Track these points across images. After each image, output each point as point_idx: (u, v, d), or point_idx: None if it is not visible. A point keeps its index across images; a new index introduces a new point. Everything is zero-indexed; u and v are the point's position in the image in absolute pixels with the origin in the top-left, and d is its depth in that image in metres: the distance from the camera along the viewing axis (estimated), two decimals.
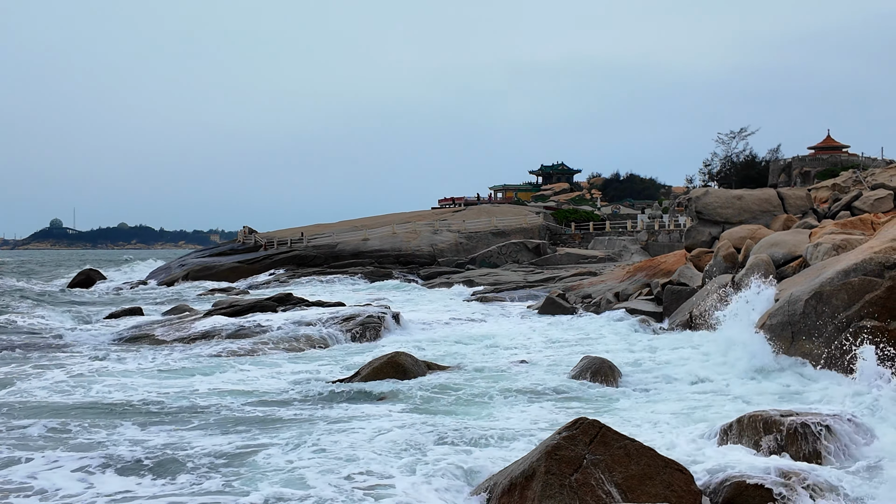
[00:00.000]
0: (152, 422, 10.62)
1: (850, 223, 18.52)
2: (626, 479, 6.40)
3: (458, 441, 9.08)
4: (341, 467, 8.16)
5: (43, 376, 14.14)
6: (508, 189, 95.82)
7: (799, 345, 12.47)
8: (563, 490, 6.31)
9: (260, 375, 14.48)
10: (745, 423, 7.90)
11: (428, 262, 52.01)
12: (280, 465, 8.41)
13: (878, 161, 65.45)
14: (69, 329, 22.25)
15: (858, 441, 7.75)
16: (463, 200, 79.50)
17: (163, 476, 8.18)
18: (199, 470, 8.34)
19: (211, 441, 9.50)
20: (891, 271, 12.28)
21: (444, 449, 8.77)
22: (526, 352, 16.59)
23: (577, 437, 6.61)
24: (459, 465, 7.98)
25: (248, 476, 8.06)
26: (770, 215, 30.42)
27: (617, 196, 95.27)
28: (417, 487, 7.45)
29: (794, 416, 7.78)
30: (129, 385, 13.33)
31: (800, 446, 7.37)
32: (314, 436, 9.54)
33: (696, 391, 11.94)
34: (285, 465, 8.40)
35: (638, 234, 54.98)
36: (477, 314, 25.44)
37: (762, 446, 7.55)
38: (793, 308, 12.77)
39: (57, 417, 10.71)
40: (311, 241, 57.32)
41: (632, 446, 6.59)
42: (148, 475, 8.20)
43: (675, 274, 22.70)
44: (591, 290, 28.19)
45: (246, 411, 11.31)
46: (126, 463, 8.56)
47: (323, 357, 16.75)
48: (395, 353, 14.30)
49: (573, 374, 13.16)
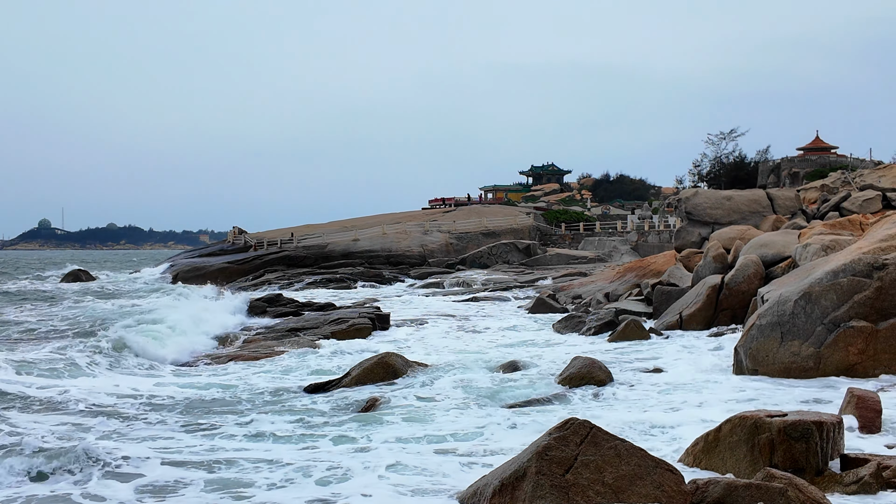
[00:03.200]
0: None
1: (838, 224, 18.62)
2: (617, 480, 6.40)
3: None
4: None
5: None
6: (499, 190, 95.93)
7: (788, 345, 12.51)
8: (554, 490, 6.32)
9: (251, 373, 14.50)
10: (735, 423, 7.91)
11: (418, 263, 52.00)
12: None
13: (867, 162, 65.75)
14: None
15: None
16: (453, 201, 79.50)
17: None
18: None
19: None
20: (879, 272, 12.34)
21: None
22: (525, 351, 16.58)
23: (568, 437, 6.61)
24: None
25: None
26: (759, 216, 30.51)
27: (607, 197, 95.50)
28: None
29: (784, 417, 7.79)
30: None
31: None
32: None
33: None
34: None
35: (628, 234, 55.11)
36: (467, 314, 25.44)
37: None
38: (782, 308, 12.81)
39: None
40: (301, 242, 57.23)
41: (622, 446, 6.59)
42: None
43: (664, 274, 22.77)
44: (582, 290, 28.24)
45: (249, 402, 11.29)
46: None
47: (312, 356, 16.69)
48: (386, 353, 14.28)
49: (564, 376, 13.13)
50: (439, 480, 7.73)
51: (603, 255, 49.89)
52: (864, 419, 8.65)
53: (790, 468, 6.84)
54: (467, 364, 14.62)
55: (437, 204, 79.85)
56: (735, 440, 7.35)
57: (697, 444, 7.74)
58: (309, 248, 55.11)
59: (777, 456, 7.06)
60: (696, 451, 7.71)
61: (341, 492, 7.44)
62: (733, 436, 7.38)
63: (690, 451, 7.81)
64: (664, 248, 40.99)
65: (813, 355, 12.18)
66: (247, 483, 7.77)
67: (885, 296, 12.12)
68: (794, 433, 7.07)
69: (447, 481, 7.68)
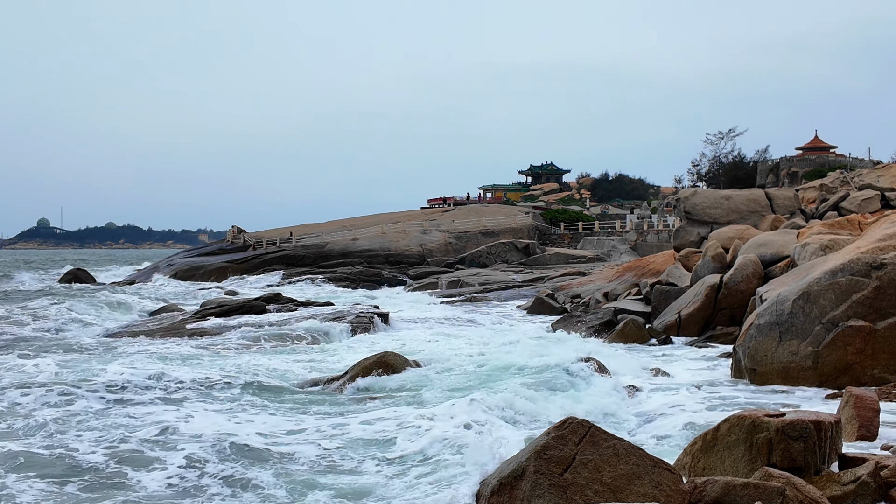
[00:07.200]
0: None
1: (837, 223, 18.62)
2: (615, 479, 6.41)
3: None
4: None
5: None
6: (498, 189, 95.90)
7: (786, 344, 12.52)
8: (553, 490, 6.32)
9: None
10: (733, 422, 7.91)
11: (417, 262, 52.00)
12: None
13: (866, 162, 65.79)
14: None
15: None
16: (452, 200, 79.46)
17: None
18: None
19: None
20: (878, 271, 12.35)
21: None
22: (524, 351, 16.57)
23: (567, 436, 6.62)
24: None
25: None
26: (758, 215, 30.54)
27: (606, 196, 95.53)
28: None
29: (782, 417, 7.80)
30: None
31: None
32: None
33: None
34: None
35: (627, 234, 55.13)
36: (466, 314, 25.46)
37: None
38: (780, 308, 12.82)
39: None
40: (300, 241, 57.23)
41: (620, 446, 6.60)
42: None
43: (663, 274, 22.77)
44: (581, 289, 28.26)
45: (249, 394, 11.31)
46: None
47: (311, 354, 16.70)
48: (384, 352, 14.32)
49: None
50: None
51: (602, 255, 49.92)
52: (863, 419, 8.66)
53: (788, 468, 6.85)
54: (466, 364, 14.65)
55: (437, 203, 79.82)
56: (733, 440, 7.35)
57: (695, 443, 7.74)
58: (308, 247, 55.11)
59: (775, 455, 7.06)
60: (695, 450, 7.71)
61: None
62: (731, 435, 7.37)
63: (688, 451, 7.81)
64: (663, 248, 41.01)
65: (811, 355, 12.19)
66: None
67: (883, 295, 12.13)
68: (792, 433, 7.07)
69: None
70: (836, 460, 7.22)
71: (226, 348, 17.79)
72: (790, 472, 6.60)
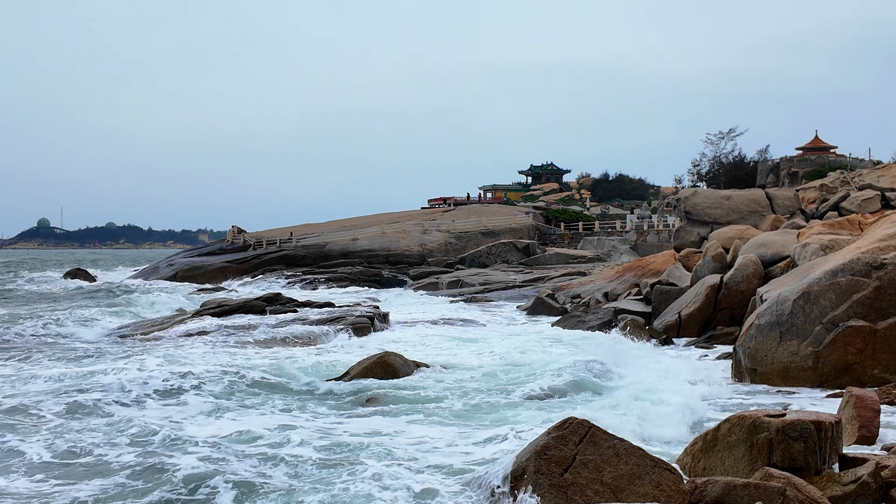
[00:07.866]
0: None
1: (837, 223, 18.61)
2: (616, 479, 6.41)
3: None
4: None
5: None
6: (498, 189, 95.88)
7: (787, 344, 12.52)
8: (553, 490, 6.32)
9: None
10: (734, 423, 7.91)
11: (417, 262, 52.00)
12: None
13: (866, 162, 65.78)
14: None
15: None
16: (453, 200, 79.41)
17: None
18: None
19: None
20: (878, 271, 12.35)
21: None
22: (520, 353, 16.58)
23: (567, 436, 6.62)
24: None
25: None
26: (758, 216, 30.52)
27: (606, 196, 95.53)
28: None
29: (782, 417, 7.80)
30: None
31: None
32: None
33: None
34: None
35: (627, 234, 55.13)
36: (466, 314, 25.45)
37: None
38: (781, 308, 12.82)
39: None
40: (300, 241, 57.22)
41: (620, 446, 6.60)
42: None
43: (664, 274, 22.77)
44: (581, 290, 28.27)
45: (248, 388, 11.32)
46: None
47: (311, 355, 16.69)
48: (385, 353, 14.30)
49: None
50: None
51: (602, 255, 49.91)
52: (863, 419, 8.66)
53: (789, 468, 6.84)
54: (465, 364, 14.65)
55: (437, 203, 79.78)
56: (733, 440, 7.34)
57: (696, 443, 7.74)
58: (308, 247, 55.09)
59: (775, 455, 7.05)
60: (695, 450, 7.71)
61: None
62: (732, 435, 7.37)
63: (689, 451, 7.81)
64: (663, 248, 41.00)
65: (811, 355, 12.19)
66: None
67: (883, 295, 12.13)
68: (792, 433, 7.07)
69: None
70: (837, 460, 7.22)
71: (225, 348, 17.78)
72: (791, 472, 6.59)
